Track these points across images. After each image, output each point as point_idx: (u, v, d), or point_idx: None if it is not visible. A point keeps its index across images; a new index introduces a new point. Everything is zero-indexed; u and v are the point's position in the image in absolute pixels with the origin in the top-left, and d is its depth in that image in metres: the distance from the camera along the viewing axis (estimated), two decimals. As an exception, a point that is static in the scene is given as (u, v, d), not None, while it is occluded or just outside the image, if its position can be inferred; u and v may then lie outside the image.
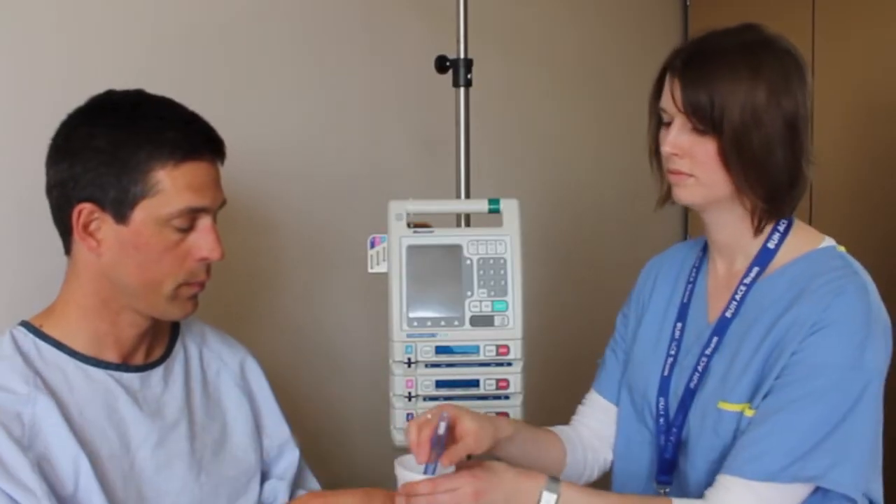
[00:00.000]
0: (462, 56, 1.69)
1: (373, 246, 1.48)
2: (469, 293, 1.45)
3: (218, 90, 1.74)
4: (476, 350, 1.45)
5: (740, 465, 1.13)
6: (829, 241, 1.26)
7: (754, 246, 1.26)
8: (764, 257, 1.25)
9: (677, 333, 1.32)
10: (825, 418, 1.12)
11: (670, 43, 2.87)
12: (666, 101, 1.23)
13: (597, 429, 1.41)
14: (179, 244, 1.18)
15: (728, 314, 1.25)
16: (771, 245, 1.25)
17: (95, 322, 1.21)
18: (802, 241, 1.25)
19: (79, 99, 1.20)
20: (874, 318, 1.15)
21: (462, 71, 1.68)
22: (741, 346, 1.22)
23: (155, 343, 1.29)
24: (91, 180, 1.15)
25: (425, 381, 1.45)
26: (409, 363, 1.44)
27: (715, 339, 1.25)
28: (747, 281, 1.25)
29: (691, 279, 1.35)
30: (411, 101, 2.10)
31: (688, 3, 2.92)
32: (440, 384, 1.45)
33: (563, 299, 2.54)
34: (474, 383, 1.46)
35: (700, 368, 1.25)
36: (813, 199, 2.33)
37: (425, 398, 1.45)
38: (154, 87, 1.24)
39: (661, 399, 1.30)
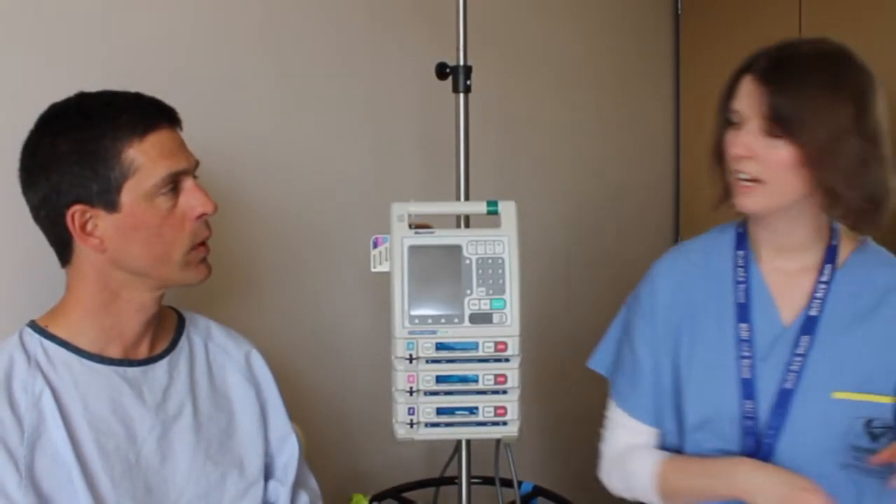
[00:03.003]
0: (462, 63, 1.71)
1: (375, 246, 1.51)
2: (468, 292, 1.48)
3: (222, 94, 1.77)
4: (475, 346, 1.47)
5: None
6: (863, 236, 1.34)
7: (820, 245, 1.31)
8: (832, 255, 1.32)
9: (744, 334, 1.32)
10: None
11: (663, 49, 2.94)
12: (741, 103, 1.23)
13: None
14: (173, 211, 1.23)
15: (813, 312, 1.30)
16: (835, 243, 1.32)
17: (101, 318, 1.24)
18: (847, 238, 1.33)
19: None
20: None
21: (461, 77, 1.70)
22: (842, 339, 1.28)
23: (159, 336, 1.32)
24: (71, 183, 1.18)
25: (426, 376, 1.48)
26: (411, 359, 1.47)
27: (805, 339, 1.29)
28: (824, 279, 1.30)
29: (740, 279, 1.34)
30: (413, 107, 2.13)
31: (679, 12, 2.97)
32: (440, 380, 1.48)
33: (559, 297, 2.57)
34: (473, 379, 1.48)
35: (795, 368, 1.28)
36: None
37: (426, 393, 1.48)
38: (156, 90, 1.28)
39: (748, 402, 1.30)
